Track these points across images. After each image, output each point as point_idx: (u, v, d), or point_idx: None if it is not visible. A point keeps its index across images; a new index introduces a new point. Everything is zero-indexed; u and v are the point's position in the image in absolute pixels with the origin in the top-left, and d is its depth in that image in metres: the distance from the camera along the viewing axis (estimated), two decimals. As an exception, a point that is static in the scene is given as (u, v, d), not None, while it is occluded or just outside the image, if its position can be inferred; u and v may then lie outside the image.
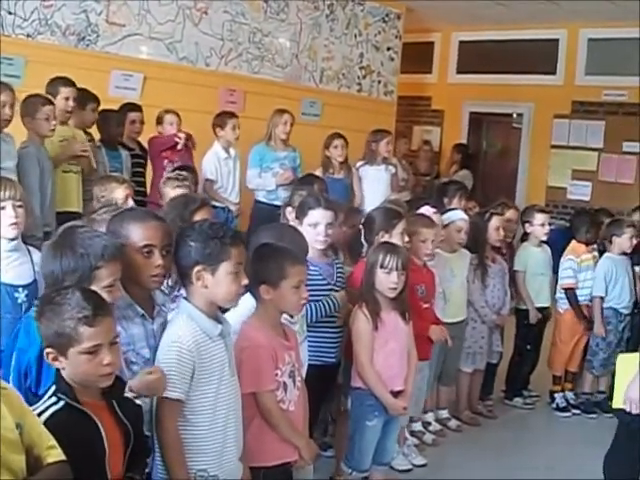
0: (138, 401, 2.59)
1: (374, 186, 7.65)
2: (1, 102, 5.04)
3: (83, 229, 2.76)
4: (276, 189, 7.24)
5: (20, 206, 3.66)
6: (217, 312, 2.93)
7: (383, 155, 7.75)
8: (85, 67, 6.78)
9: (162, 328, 2.88)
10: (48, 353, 2.35)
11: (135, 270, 2.82)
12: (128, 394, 2.56)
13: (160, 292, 2.98)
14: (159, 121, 7.01)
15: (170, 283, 3.17)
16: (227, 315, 3.22)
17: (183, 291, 2.98)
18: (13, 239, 3.62)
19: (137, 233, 2.85)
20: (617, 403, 3.38)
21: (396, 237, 4.41)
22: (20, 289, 2.78)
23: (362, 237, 4.70)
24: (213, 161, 7.11)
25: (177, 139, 6.78)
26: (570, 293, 6.18)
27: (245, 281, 2.88)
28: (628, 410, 3.23)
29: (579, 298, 6.18)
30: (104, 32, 7.30)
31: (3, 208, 3.59)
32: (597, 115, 10.85)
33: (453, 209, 5.74)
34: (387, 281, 3.95)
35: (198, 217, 3.82)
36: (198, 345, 2.78)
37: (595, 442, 5.36)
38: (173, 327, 2.85)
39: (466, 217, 5.55)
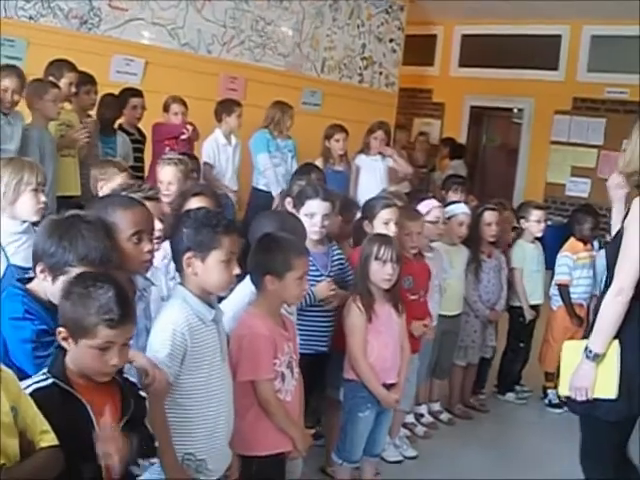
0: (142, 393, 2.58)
1: (370, 176, 7.66)
2: (3, 87, 5.08)
3: (87, 225, 2.66)
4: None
5: (44, 191, 3.75)
6: (211, 297, 2.94)
7: (375, 148, 7.75)
8: (87, 51, 6.79)
9: (144, 313, 2.89)
10: (60, 332, 2.36)
11: (125, 257, 2.80)
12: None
13: (140, 276, 2.98)
14: (166, 108, 7.00)
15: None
16: (223, 303, 3.24)
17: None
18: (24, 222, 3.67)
19: (126, 220, 2.82)
20: (563, 391, 3.42)
21: (378, 226, 4.43)
22: (30, 272, 2.78)
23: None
24: (212, 146, 7.18)
25: (184, 130, 6.82)
26: (563, 290, 6.18)
27: (236, 270, 2.88)
28: (573, 398, 3.28)
29: (572, 296, 6.18)
30: (106, 16, 7.29)
31: (36, 190, 3.65)
32: (598, 112, 10.86)
33: (456, 202, 5.74)
34: (382, 272, 3.94)
35: (193, 204, 3.85)
36: (191, 328, 2.80)
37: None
38: (167, 311, 2.87)
39: (468, 211, 5.55)
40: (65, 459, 2.22)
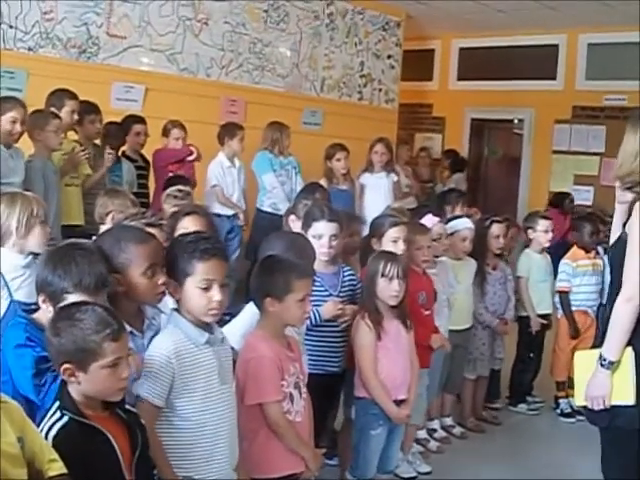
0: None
1: (375, 194, 7.70)
2: (11, 118, 5.10)
3: (81, 251, 2.71)
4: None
5: (47, 223, 3.80)
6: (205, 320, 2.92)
7: (378, 163, 7.81)
8: (87, 79, 6.82)
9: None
10: (65, 369, 2.35)
11: (140, 291, 2.83)
12: None
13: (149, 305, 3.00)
14: (165, 133, 7.05)
15: None
16: (232, 322, 3.24)
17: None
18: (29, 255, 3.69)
19: (140, 254, 2.84)
20: (579, 401, 3.40)
21: (387, 244, 4.44)
22: (33, 307, 2.81)
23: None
24: (217, 169, 7.26)
25: (190, 152, 6.90)
26: (563, 296, 6.19)
27: (217, 297, 2.81)
28: (590, 407, 3.26)
29: (574, 303, 6.18)
30: (105, 44, 7.34)
31: (43, 223, 3.68)
32: (598, 120, 10.87)
33: (459, 217, 5.75)
34: (389, 289, 3.95)
35: (185, 224, 3.87)
36: (179, 352, 2.79)
37: (600, 448, 5.37)
38: (158, 337, 2.88)
39: (472, 226, 5.55)
40: None
